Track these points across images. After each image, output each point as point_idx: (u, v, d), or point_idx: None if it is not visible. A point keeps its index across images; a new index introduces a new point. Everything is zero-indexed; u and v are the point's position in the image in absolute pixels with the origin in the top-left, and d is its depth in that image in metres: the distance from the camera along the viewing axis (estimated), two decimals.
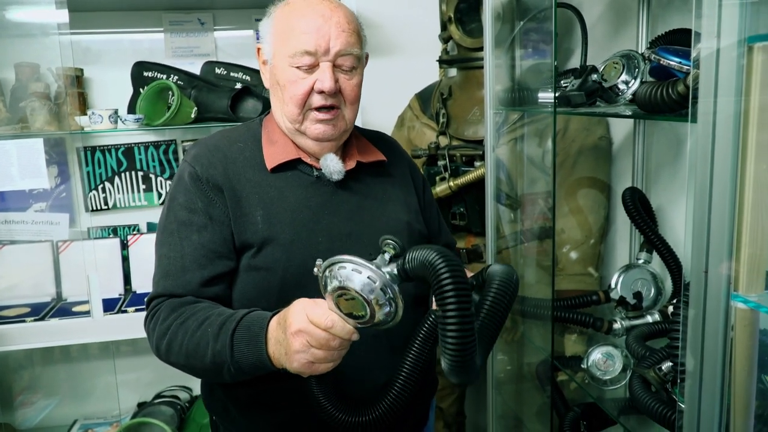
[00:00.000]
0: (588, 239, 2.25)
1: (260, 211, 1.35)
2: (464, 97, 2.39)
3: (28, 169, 2.24)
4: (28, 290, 2.49)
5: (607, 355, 1.85)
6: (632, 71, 1.61)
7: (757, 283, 0.95)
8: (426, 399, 1.58)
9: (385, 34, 2.70)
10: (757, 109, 0.90)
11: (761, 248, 0.94)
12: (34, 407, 2.71)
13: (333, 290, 1.11)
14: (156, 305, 1.33)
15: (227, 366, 1.21)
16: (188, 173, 1.37)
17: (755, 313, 0.96)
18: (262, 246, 1.34)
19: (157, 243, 1.39)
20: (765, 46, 0.90)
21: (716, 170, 0.95)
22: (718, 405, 1.00)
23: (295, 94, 1.33)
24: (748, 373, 0.97)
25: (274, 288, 1.33)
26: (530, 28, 2.08)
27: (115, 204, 2.67)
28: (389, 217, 1.47)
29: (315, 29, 1.30)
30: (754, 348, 0.97)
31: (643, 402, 1.40)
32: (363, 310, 1.09)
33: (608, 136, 2.29)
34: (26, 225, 2.57)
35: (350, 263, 1.11)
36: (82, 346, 2.73)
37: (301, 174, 1.41)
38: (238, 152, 1.41)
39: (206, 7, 2.62)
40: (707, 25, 0.94)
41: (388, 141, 1.65)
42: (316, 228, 1.37)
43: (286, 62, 1.34)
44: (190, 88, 2.51)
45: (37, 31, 2.38)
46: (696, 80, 0.97)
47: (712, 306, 0.99)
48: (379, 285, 1.09)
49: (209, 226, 1.33)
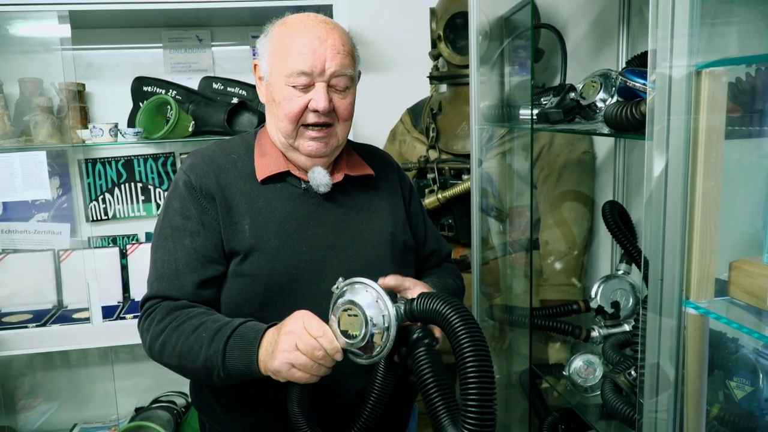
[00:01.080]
0: (572, 251, 2.33)
1: (248, 220, 1.40)
2: (453, 112, 2.47)
3: (31, 180, 2.32)
4: (30, 297, 2.56)
5: (587, 363, 1.91)
6: (609, 90, 1.69)
7: (707, 290, 1.03)
8: (405, 405, 1.60)
9: (378, 50, 2.78)
10: (705, 129, 0.98)
11: (710, 259, 1.02)
12: (35, 411, 2.78)
13: (343, 303, 1.19)
14: (151, 306, 1.39)
15: (217, 370, 1.28)
16: (183, 182, 1.42)
17: (705, 318, 1.03)
18: (248, 253, 1.39)
19: (153, 247, 1.45)
20: (711, 71, 0.98)
21: (669, 186, 1.03)
22: (672, 400, 1.07)
23: (289, 111, 1.38)
24: (699, 372, 1.04)
25: (258, 294, 1.39)
26: (516, 46, 2.16)
27: (114, 214, 2.75)
28: (373, 229, 1.51)
29: (311, 51, 1.34)
30: (704, 349, 1.04)
31: (612, 405, 1.47)
32: (359, 330, 1.16)
33: (592, 152, 2.37)
34: (29, 234, 2.65)
35: (370, 287, 1.19)
36: (82, 353, 2.80)
37: (289, 186, 1.46)
38: (231, 163, 1.46)
39: (204, 24, 2.70)
40: (660, 51, 1.02)
41: (378, 154, 1.68)
42: (301, 238, 1.42)
43: (282, 81, 1.38)
44: (188, 102, 2.58)
45: (40, 47, 2.46)
46: (651, 102, 1.05)
47: (667, 311, 1.06)
48: (383, 313, 1.16)
49: (201, 231, 1.39)
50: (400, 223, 1.58)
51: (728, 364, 1.39)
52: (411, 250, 1.60)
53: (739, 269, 1.01)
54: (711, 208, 1.00)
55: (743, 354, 1.37)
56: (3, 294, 2.55)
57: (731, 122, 1.01)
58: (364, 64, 1.64)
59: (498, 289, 2.38)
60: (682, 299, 1.04)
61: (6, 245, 2.62)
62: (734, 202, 1.11)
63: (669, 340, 1.06)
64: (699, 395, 1.05)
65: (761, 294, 0.96)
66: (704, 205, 1.00)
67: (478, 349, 1.03)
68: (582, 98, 1.74)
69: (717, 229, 1.01)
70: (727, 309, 1.02)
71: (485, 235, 2.32)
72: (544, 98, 1.90)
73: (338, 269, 1.43)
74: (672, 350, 1.06)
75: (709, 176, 0.99)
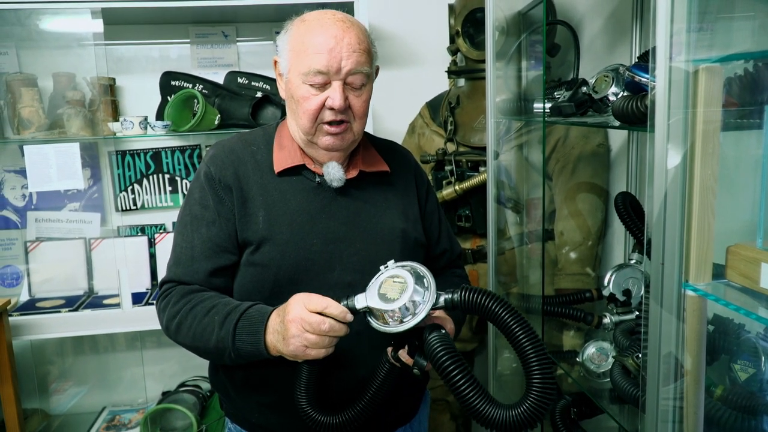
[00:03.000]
0: (586, 241, 2.38)
1: (262, 212, 1.45)
2: (471, 106, 2.53)
3: (65, 171, 2.42)
4: (63, 284, 2.67)
5: (600, 350, 1.97)
6: (620, 84, 1.74)
7: (705, 273, 1.09)
8: (415, 391, 1.63)
9: (398, 46, 2.84)
10: (702, 121, 1.04)
11: (707, 243, 1.07)
12: (66, 394, 2.89)
13: (391, 274, 1.23)
14: (168, 289, 1.46)
15: (228, 351, 1.35)
16: (204, 173, 1.48)
17: (703, 300, 1.09)
18: (261, 244, 1.44)
19: (175, 232, 1.53)
20: (708, 67, 1.03)
21: (670, 175, 1.09)
22: (673, 376, 1.13)
23: (307, 109, 1.41)
24: (698, 350, 1.10)
25: (268, 283, 1.44)
26: (532, 41, 2.21)
27: (143, 204, 2.85)
28: (385, 225, 1.53)
29: (327, 50, 1.37)
30: (703, 328, 1.10)
31: (620, 386, 1.53)
32: (398, 294, 1.20)
33: (606, 144, 2.41)
34: (61, 223, 2.76)
35: (420, 267, 1.25)
36: (110, 340, 2.91)
37: (304, 179, 1.50)
38: (250, 155, 1.51)
39: (230, 21, 2.78)
40: (661, 48, 1.08)
41: (397, 150, 1.71)
42: (312, 231, 1.46)
43: (299, 79, 1.41)
44: (214, 96, 2.66)
45: (73, 43, 2.55)
46: (653, 96, 1.11)
47: (668, 293, 1.12)
48: (427, 288, 1.21)
49: (217, 222, 1.45)
50: (412, 220, 1.60)
51: (733, 348, 1.44)
52: (422, 247, 1.62)
53: (734, 253, 1.07)
54: (708, 195, 1.06)
55: (747, 338, 1.42)
56: (37, 280, 2.66)
57: (728, 115, 1.07)
58: (384, 60, 1.68)
59: (514, 278, 2.43)
60: (682, 282, 1.10)
61: (40, 233, 2.73)
62: (731, 190, 1.17)
63: (670, 321, 1.13)
64: (698, 372, 1.11)
65: (755, 276, 1.01)
66: (702, 192, 1.06)
67: (529, 330, 1.11)
68: (594, 92, 1.79)
69: (714, 216, 1.07)
70: (724, 291, 1.08)
71: (502, 226, 2.38)
72: (557, 92, 1.96)
73: (347, 262, 1.47)
74: (672, 330, 1.12)
75: (706, 166, 1.05)
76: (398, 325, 1.20)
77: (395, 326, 1.20)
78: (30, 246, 2.65)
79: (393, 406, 1.52)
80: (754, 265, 1.02)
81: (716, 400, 1.36)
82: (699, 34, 1.05)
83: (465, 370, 1.13)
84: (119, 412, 2.84)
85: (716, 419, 1.31)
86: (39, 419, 2.72)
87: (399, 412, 1.59)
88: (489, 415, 1.10)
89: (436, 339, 1.18)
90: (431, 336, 1.19)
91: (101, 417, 2.81)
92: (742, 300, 1.05)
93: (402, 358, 1.30)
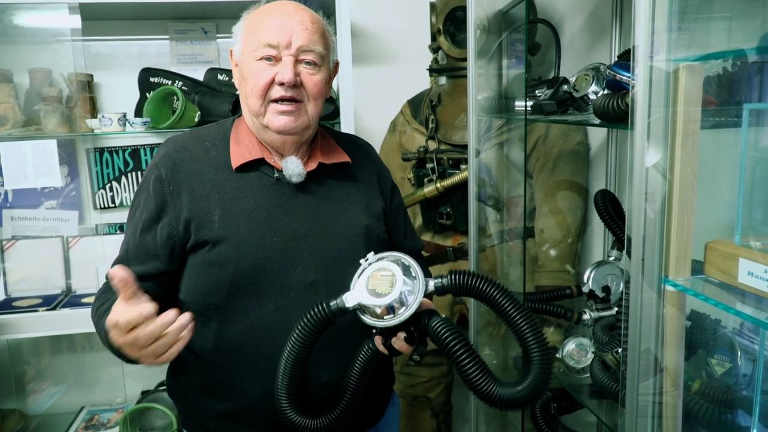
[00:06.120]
0: (566, 238, 2.40)
1: (218, 210, 1.40)
2: (452, 104, 2.54)
3: (41, 168, 2.39)
4: (40, 283, 2.62)
5: (580, 346, 1.99)
6: (600, 83, 1.76)
7: (684, 269, 1.10)
8: (382, 393, 1.62)
9: (379, 43, 2.84)
10: (682, 120, 1.05)
11: (687, 240, 1.09)
12: (43, 394, 2.85)
13: (376, 267, 1.23)
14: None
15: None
16: (154, 177, 1.43)
17: (682, 295, 1.11)
18: (217, 243, 1.39)
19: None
20: (689, 65, 1.05)
21: (650, 172, 1.11)
22: (653, 370, 1.15)
23: (256, 85, 1.38)
24: (677, 344, 1.12)
25: (225, 284, 1.39)
26: (513, 39, 2.23)
27: (121, 202, 2.81)
28: (347, 221, 1.50)
29: (278, 25, 1.37)
30: (682, 323, 1.12)
31: (600, 381, 1.55)
32: (389, 288, 1.19)
33: (586, 143, 2.44)
34: (38, 221, 2.72)
35: (403, 257, 1.24)
36: (89, 338, 2.86)
37: (262, 175, 1.45)
38: (204, 152, 1.46)
39: (209, 17, 2.76)
40: (642, 47, 1.09)
41: (359, 144, 1.67)
42: (271, 228, 1.41)
43: (251, 57, 1.38)
44: (194, 93, 2.64)
45: (50, 38, 2.51)
46: (634, 94, 1.12)
47: (648, 288, 1.14)
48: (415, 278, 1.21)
49: (153, 228, 1.41)
50: (375, 215, 1.56)
51: (710, 343, 1.47)
52: (385, 243, 1.58)
53: (713, 249, 1.08)
54: (688, 192, 1.08)
55: (723, 333, 1.45)
56: (13, 279, 2.61)
57: (707, 113, 1.09)
58: (365, 57, 1.68)
59: (495, 276, 2.45)
60: (662, 277, 1.12)
61: (16, 231, 2.69)
62: (710, 187, 1.18)
63: (650, 315, 1.14)
64: (677, 367, 1.13)
65: (733, 272, 1.03)
66: (682, 190, 1.08)
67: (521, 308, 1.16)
68: (575, 90, 1.81)
69: (693, 212, 1.08)
70: (703, 286, 1.10)
71: (483, 224, 2.39)
72: (538, 90, 1.97)
73: (309, 260, 1.43)
74: (652, 324, 1.14)
75: (686, 163, 1.07)
76: (393, 319, 1.19)
77: (390, 320, 1.20)
78: (6, 244, 2.61)
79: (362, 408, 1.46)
80: (732, 261, 1.04)
81: (693, 394, 1.38)
82: (679, 33, 1.06)
83: (474, 353, 1.17)
84: (98, 412, 2.80)
85: (694, 413, 1.33)
86: (16, 420, 2.68)
87: (367, 414, 1.56)
88: (497, 393, 1.15)
89: (441, 325, 1.19)
90: (435, 323, 1.20)
91: (80, 417, 2.78)
92: (720, 295, 1.07)
93: (396, 346, 1.29)
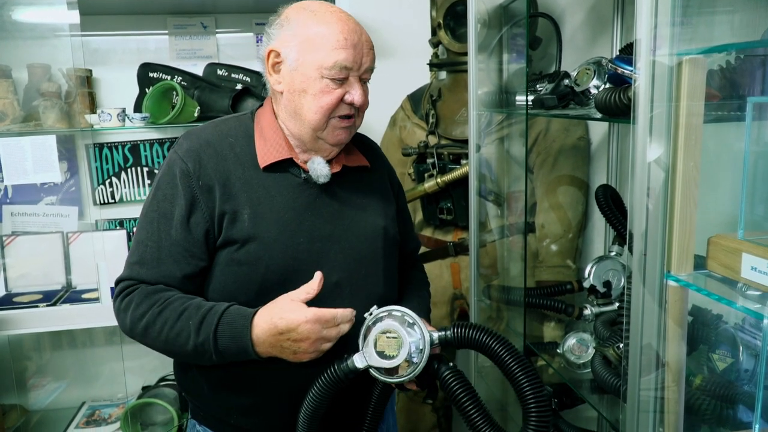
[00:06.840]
0: (567, 233, 2.39)
1: (248, 210, 1.39)
2: (453, 98, 2.53)
3: (41, 164, 2.38)
4: (40, 279, 2.63)
5: (580, 341, 1.99)
6: (602, 77, 1.75)
7: (687, 264, 1.10)
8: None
9: (379, 38, 2.82)
10: (685, 113, 1.05)
11: (689, 235, 1.09)
12: (44, 390, 2.86)
13: (381, 327, 1.30)
14: (127, 288, 1.39)
15: (209, 355, 1.32)
16: (180, 169, 1.40)
17: (684, 290, 1.10)
18: (246, 242, 1.39)
19: (138, 225, 1.43)
20: (692, 58, 1.04)
21: (652, 166, 1.10)
22: (654, 365, 1.14)
23: (324, 104, 1.37)
24: (679, 339, 1.12)
25: (255, 283, 1.39)
26: (513, 34, 2.22)
27: (121, 198, 2.82)
28: (367, 222, 1.52)
29: (352, 45, 1.36)
30: (684, 318, 1.12)
31: (601, 376, 1.54)
32: (397, 351, 1.28)
33: (587, 137, 2.43)
34: (38, 217, 2.71)
35: (407, 313, 1.32)
36: (90, 334, 2.88)
37: (289, 175, 1.45)
38: (229, 148, 1.44)
39: (209, 12, 2.75)
40: (644, 40, 1.08)
41: (370, 145, 1.69)
42: (299, 229, 1.42)
43: (316, 72, 1.36)
44: (194, 88, 2.64)
45: (49, 33, 2.51)
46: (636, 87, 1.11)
47: (650, 283, 1.13)
48: (421, 337, 1.30)
49: (187, 225, 1.38)
50: (391, 217, 1.59)
51: (712, 339, 1.46)
52: (397, 244, 1.62)
53: (715, 244, 1.08)
54: (690, 187, 1.07)
55: (725, 329, 1.45)
56: (13, 275, 2.61)
57: (710, 107, 1.08)
58: None
59: (495, 271, 2.44)
60: (664, 272, 1.11)
61: (16, 227, 2.69)
62: (713, 181, 1.18)
63: (652, 311, 1.14)
64: (679, 361, 1.13)
65: (736, 267, 1.02)
66: (684, 184, 1.07)
67: (523, 362, 1.26)
68: (576, 85, 1.80)
69: (696, 207, 1.08)
70: (705, 281, 1.10)
71: (483, 219, 2.38)
72: (539, 85, 1.96)
73: (334, 260, 1.44)
74: (654, 320, 1.13)
75: (689, 157, 1.06)
76: (404, 376, 1.30)
77: (400, 377, 1.30)
78: (6, 240, 2.61)
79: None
80: (735, 256, 1.03)
81: (695, 390, 1.38)
82: (681, 27, 1.05)
83: (479, 404, 1.29)
84: (99, 407, 2.81)
85: (695, 408, 1.33)
86: (17, 415, 2.69)
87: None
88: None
89: (451, 376, 1.31)
90: (445, 373, 1.32)
91: (81, 412, 2.79)
92: (723, 290, 1.06)
93: (408, 387, 1.40)
